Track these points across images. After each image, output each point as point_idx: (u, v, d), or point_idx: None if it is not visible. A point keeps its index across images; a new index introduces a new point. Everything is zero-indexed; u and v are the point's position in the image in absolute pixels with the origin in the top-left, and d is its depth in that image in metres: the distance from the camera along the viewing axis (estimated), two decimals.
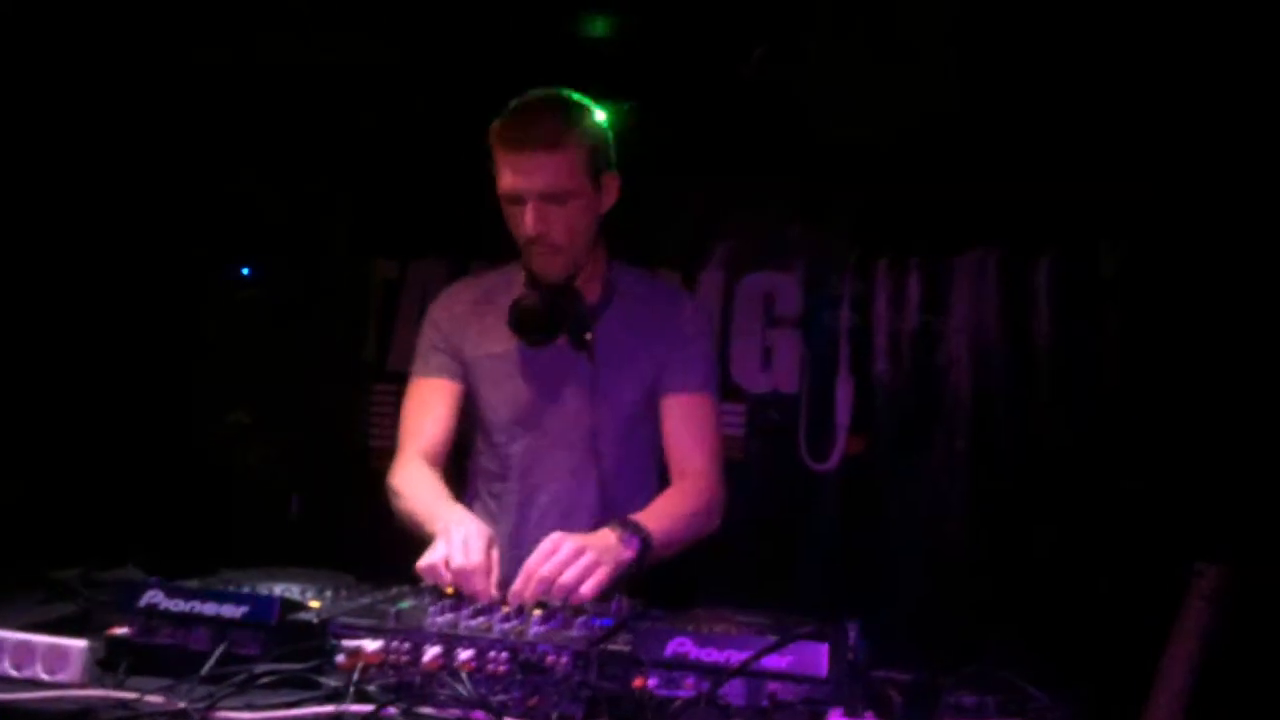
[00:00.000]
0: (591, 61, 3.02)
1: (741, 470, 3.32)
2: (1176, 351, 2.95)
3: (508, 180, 1.97)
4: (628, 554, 1.78)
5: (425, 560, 1.72)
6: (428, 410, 2.14)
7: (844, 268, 3.37)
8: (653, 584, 1.88)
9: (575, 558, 1.68)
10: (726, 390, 3.41)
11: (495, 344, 2.11)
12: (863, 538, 3.28)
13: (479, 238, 2.22)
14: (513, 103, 2.02)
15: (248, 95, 3.26)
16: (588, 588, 1.67)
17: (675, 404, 2.08)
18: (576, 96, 2.04)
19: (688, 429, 2.07)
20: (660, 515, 1.91)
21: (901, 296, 3.37)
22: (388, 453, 2.19)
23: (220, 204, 3.35)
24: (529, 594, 1.64)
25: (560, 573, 1.66)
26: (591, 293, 2.07)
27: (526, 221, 1.97)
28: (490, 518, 2.11)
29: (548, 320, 2.02)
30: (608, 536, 1.80)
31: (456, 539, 1.72)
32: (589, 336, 2.00)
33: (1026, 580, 3.01)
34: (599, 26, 3.03)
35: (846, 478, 3.35)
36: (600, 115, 2.04)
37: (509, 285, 2.13)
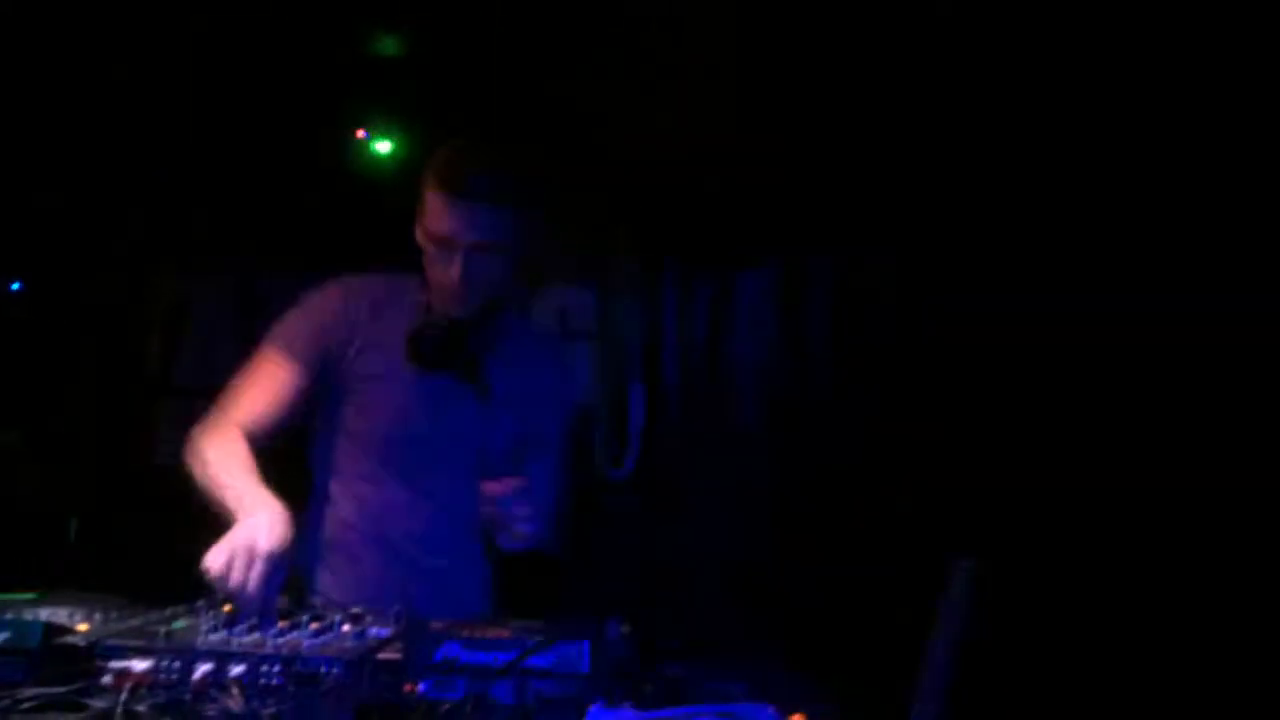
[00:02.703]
0: (381, 79, 3.04)
1: None
2: (935, 357, 3.21)
3: (442, 224, 1.98)
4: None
5: (211, 563, 1.67)
6: (268, 388, 2.05)
7: (634, 280, 3.50)
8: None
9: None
10: None
11: (385, 354, 2.08)
12: (655, 539, 3.41)
13: (268, 251, 2.22)
14: (458, 145, 2.03)
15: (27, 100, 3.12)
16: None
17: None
18: (524, 149, 2.12)
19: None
20: None
21: (690, 307, 3.53)
22: (174, 471, 2.12)
23: None
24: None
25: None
26: (488, 327, 2.11)
27: (452, 270, 1.99)
28: (340, 523, 2.12)
29: (446, 354, 2.04)
30: None
31: (242, 554, 1.69)
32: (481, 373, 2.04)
33: (802, 578, 3.21)
34: (389, 45, 3.05)
35: (641, 482, 3.47)
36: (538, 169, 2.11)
37: (405, 299, 2.12)
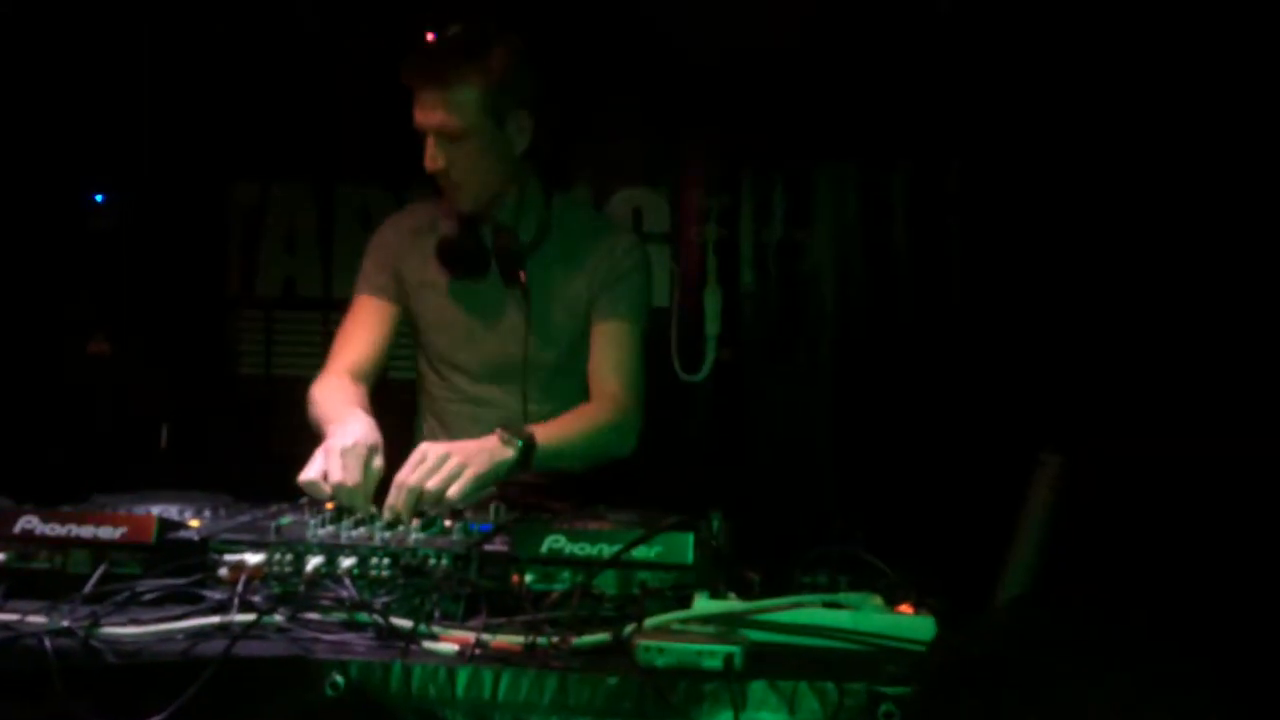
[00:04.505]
0: None
1: None
2: (1017, 258, 3.13)
3: (415, 114, 2.01)
4: (507, 453, 1.85)
5: (305, 475, 1.75)
6: (361, 328, 2.19)
7: (710, 182, 3.44)
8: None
9: (440, 464, 1.75)
10: None
11: (434, 273, 2.15)
12: (732, 442, 3.41)
13: (341, 160, 2.23)
14: (423, 40, 2.03)
15: (100, 12, 3.12)
16: (455, 490, 1.74)
17: (600, 330, 2.16)
18: (486, 32, 2.03)
19: (608, 354, 2.14)
20: (555, 426, 1.99)
21: (766, 209, 3.47)
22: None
23: (70, 128, 3.21)
24: (399, 503, 1.70)
25: (426, 479, 1.73)
26: (525, 228, 2.12)
27: (425, 156, 2.02)
28: (434, 439, 2.15)
29: (471, 256, 2.09)
30: (489, 440, 1.87)
31: (335, 453, 1.76)
32: (522, 275, 2.07)
33: (885, 474, 3.19)
34: None
35: (717, 387, 3.46)
36: (511, 53, 2.03)
37: (449, 216, 2.15)
